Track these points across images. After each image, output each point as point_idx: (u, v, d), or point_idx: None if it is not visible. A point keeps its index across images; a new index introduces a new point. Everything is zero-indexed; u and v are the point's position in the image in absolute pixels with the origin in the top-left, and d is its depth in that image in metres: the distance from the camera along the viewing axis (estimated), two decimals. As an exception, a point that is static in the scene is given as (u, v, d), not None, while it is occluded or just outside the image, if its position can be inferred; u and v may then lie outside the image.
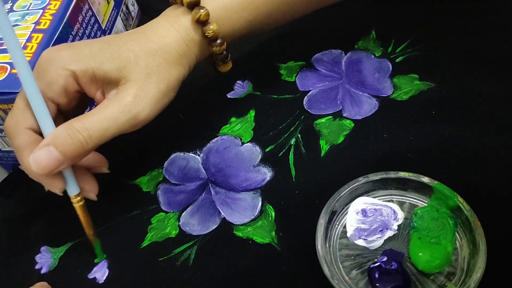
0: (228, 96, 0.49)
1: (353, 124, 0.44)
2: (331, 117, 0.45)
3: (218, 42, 0.41)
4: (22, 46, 0.42)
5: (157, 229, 0.41)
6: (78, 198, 0.37)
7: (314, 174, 0.41)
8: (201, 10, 0.39)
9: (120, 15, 0.57)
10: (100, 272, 0.39)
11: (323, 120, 0.45)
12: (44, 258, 0.41)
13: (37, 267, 0.41)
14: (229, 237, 0.39)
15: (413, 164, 0.39)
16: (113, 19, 0.55)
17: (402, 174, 0.37)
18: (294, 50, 0.52)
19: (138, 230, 0.41)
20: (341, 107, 0.46)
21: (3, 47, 0.43)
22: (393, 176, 0.37)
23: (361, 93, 0.46)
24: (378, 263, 0.34)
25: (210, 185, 0.43)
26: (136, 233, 0.41)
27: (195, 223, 0.40)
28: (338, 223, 0.37)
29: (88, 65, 0.36)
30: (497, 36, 0.48)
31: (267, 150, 0.44)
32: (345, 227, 0.37)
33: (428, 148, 0.40)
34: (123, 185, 0.44)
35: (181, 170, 0.44)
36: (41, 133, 0.36)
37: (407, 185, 0.38)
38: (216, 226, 0.40)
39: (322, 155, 0.42)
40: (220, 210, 0.41)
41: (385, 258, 0.34)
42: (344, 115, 0.45)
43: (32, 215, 0.44)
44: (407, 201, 0.38)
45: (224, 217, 0.40)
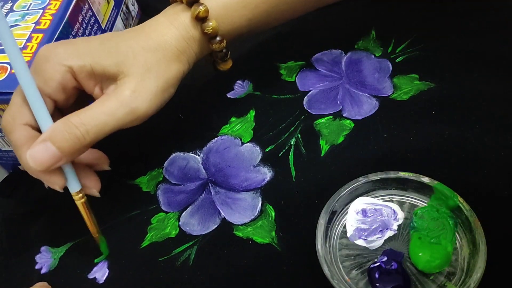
0: (228, 96, 0.49)
1: (353, 124, 0.44)
2: (331, 117, 0.45)
3: (218, 39, 0.41)
4: (22, 46, 0.42)
5: (157, 229, 0.41)
6: (80, 195, 0.37)
7: (314, 174, 0.41)
8: (200, 6, 0.39)
9: (120, 15, 0.57)
10: (100, 272, 0.39)
11: (323, 120, 0.45)
12: (44, 258, 0.41)
13: (37, 267, 0.41)
14: (229, 237, 0.39)
15: (413, 164, 0.39)
16: (113, 19, 0.55)
17: (402, 174, 0.37)
18: (294, 50, 0.52)
19: (138, 230, 0.41)
20: (341, 107, 0.45)
21: (2, 47, 0.43)
22: (393, 176, 0.37)
23: (361, 93, 0.46)
24: (378, 263, 0.34)
25: (210, 185, 0.43)
26: (136, 233, 0.41)
27: (195, 223, 0.40)
28: (338, 223, 0.37)
29: (86, 61, 0.36)
30: (497, 36, 0.48)
31: (267, 150, 0.44)
32: (345, 227, 0.37)
33: (428, 148, 0.40)
34: (123, 185, 0.44)
35: (181, 170, 0.44)
36: (39, 129, 0.35)
37: (407, 185, 0.38)
38: (216, 226, 0.40)
39: (322, 155, 0.42)
40: (220, 210, 0.41)
41: (385, 258, 0.34)
42: (344, 115, 0.45)
43: (32, 215, 0.44)
44: (407, 201, 0.38)
45: (224, 217, 0.40)
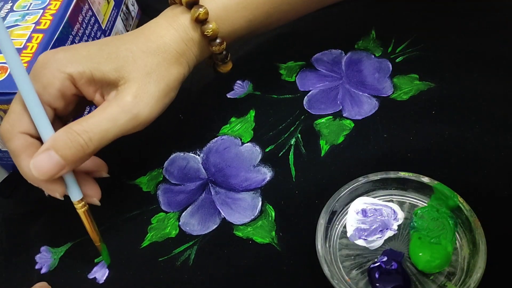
0: (228, 96, 0.49)
1: (353, 124, 0.44)
2: (331, 117, 0.45)
3: (218, 41, 0.40)
4: (22, 46, 0.42)
5: (157, 229, 0.41)
6: (81, 203, 0.36)
7: (314, 174, 0.41)
8: (200, 8, 0.39)
9: (120, 15, 0.57)
10: (100, 272, 0.39)
11: (323, 120, 0.45)
12: (44, 258, 0.41)
13: (37, 267, 0.41)
14: (229, 237, 0.39)
15: (413, 164, 0.39)
16: (113, 19, 0.55)
17: (402, 174, 0.37)
18: (294, 50, 0.52)
19: (138, 230, 0.41)
20: (341, 107, 0.45)
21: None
22: (393, 176, 0.37)
23: (361, 93, 0.46)
24: (378, 263, 0.34)
25: (210, 185, 0.43)
26: (136, 233, 0.41)
27: (195, 223, 0.40)
28: (338, 223, 0.37)
29: (85, 67, 0.35)
30: (497, 36, 0.48)
31: (267, 150, 0.44)
32: (345, 227, 0.37)
33: (428, 148, 0.40)
34: (123, 185, 0.44)
35: (181, 170, 0.44)
36: (38, 137, 0.35)
37: (407, 185, 0.38)
38: (216, 226, 0.40)
39: (322, 155, 0.42)
40: (220, 210, 0.41)
41: (385, 258, 0.34)
42: (344, 115, 0.45)
43: (32, 215, 0.44)
44: (407, 201, 0.38)
45: (224, 217, 0.40)
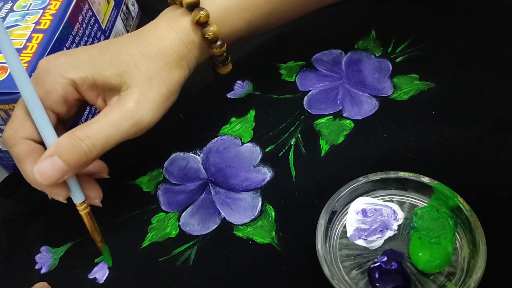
0: (228, 96, 0.49)
1: (353, 124, 0.44)
2: (331, 117, 0.45)
3: (218, 43, 0.40)
4: (22, 46, 0.42)
5: (157, 229, 0.41)
6: (83, 205, 0.37)
7: (314, 174, 0.41)
8: (201, 11, 0.38)
9: (120, 15, 0.57)
10: (100, 272, 0.39)
11: (323, 120, 0.45)
12: (44, 258, 0.41)
13: (37, 267, 0.41)
14: (229, 237, 0.39)
15: (413, 164, 0.39)
16: (113, 19, 0.55)
17: (402, 174, 0.37)
18: (294, 50, 0.52)
19: (138, 230, 0.41)
20: (341, 107, 0.45)
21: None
22: (393, 176, 0.37)
23: (361, 93, 0.46)
24: (378, 263, 0.34)
25: (210, 185, 0.43)
26: (136, 233, 0.41)
27: (195, 223, 0.40)
28: (338, 223, 0.37)
29: (88, 72, 0.35)
30: (497, 36, 0.48)
31: (267, 150, 0.44)
32: (345, 227, 0.37)
33: (428, 148, 0.40)
34: (123, 185, 0.44)
35: (181, 170, 0.44)
36: (41, 142, 0.35)
37: (407, 185, 0.38)
38: (216, 226, 0.40)
39: (322, 155, 0.42)
40: (220, 210, 0.41)
41: (385, 258, 0.34)
42: (344, 115, 0.45)
43: (32, 215, 0.44)
44: (407, 201, 0.38)
45: (224, 217, 0.40)
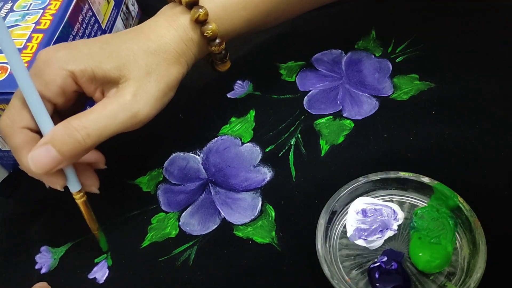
0: (228, 96, 0.49)
1: (353, 124, 0.44)
2: (331, 117, 0.45)
3: (217, 41, 0.40)
4: (22, 46, 0.42)
5: (157, 229, 0.41)
6: (80, 194, 0.37)
7: (314, 174, 0.41)
8: (200, 9, 0.39)
9: (120, 15, 0.57)
10: (100, 272, 0.39)
11: (323, 120, 0.45)
12: (44, 258, 0.41)
13: (37, 267, 0.41)
14: (229, 237, 0.39)
15: (413, 164, 0.39)
16: (113, 19, 0.55)
17: (402, 174, 0.37)
18: (294, 50, 0.52)
19: (138, 230, 0.41)
20: (341, 107, 0.45)
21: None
22: (393, 176, 0.37)
23: (361, 93, 0.46)
24: (378, 263, 0.34)
25: (210, 185, 0.43)
26: (136, 233, 0.41)
27: (195, 223, 0.40)
28: (338, 223, 0.37)
29: (87, 65, 0.35)
30: (497, 36, 0.48)
31: (267, 150, 0.44)
32: (345, 227, 0.37)
33: (428, 148, 0.40)
34: (123, 185, 0.44)
35: (181, 170, 0.44)
36: (38, 131, 0.35)
37: (407, 185, 0.38)
38: (216, 226, 0.40)
39: (322, 155, 0.42)
40: (220, 210, 0.41)
41: (385, 258, 0.34)
42: (344, 115, 0.45)
43: (32, 215, 0.44)
44: (407, 201, 0.38)
45: (224, 217, 0.40)
